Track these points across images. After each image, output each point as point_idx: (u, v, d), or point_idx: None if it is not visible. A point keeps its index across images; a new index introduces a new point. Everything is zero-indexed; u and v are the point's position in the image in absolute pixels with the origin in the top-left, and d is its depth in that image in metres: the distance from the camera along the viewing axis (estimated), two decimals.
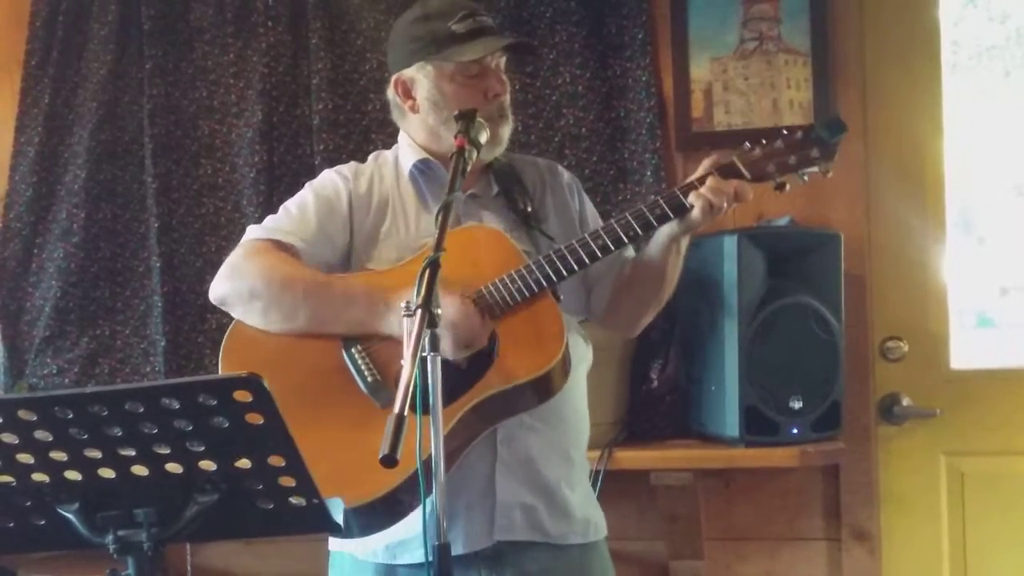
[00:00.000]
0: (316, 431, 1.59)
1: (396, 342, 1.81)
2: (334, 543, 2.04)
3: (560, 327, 1.85)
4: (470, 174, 1.96)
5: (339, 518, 1.45)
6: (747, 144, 1.91)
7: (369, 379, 1.85)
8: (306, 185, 2.07)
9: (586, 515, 2.02)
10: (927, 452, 2.91)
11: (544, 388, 1.86)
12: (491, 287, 1.86)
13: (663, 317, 2.48)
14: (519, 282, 1.85)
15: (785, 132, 1.91)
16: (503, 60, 2.03)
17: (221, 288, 1.95)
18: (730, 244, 2.59)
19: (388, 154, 2.12)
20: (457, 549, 1.83)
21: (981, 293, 3.20)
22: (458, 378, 1.80)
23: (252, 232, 2.00)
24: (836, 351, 2.64)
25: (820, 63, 2.90)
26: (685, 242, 1.99)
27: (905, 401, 2.91)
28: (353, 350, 1.87)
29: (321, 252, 1.98)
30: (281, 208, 2.04)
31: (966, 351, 2.99)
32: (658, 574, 2.90)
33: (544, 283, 1.86)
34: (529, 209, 2.03)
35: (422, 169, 2.05)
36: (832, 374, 2.64)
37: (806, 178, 1.90)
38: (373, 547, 1.94)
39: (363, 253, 1.99)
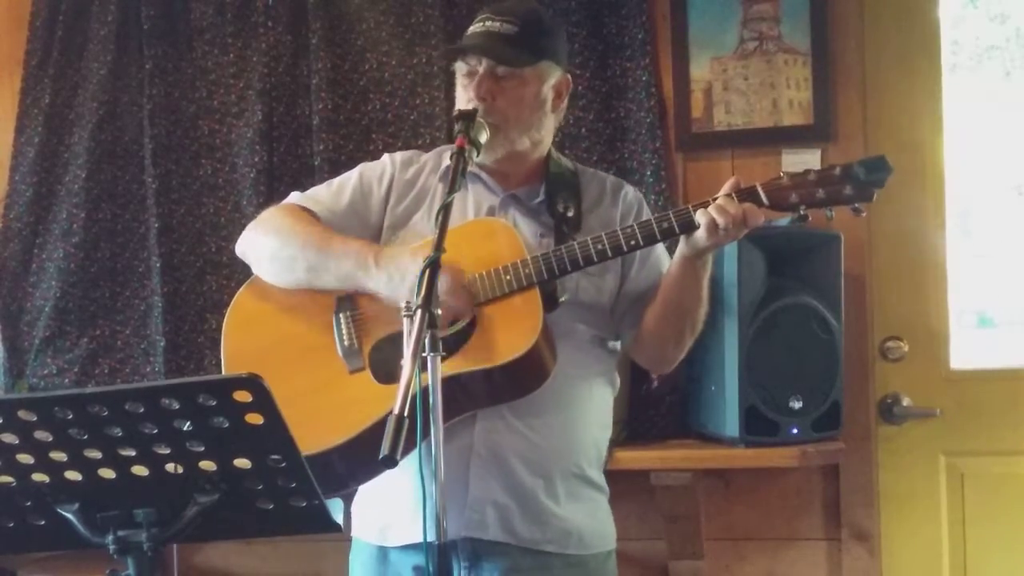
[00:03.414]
0: (284, 382, 1.59)
1: (383, 308, 1.88)
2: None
3: (535, 323, 1.83)
4: (518, 175, 2.02)
5: (339, 518, 1.45)
6: (782, 173, 1.86)
7: (346, 343, 1.89)
8: (360, 164, 2.13)
9: (571, 528, 1.94)
10: (927, 452, 2.90)
11: (506, 382, 1.83)
12: (483, 275, 1.87)
13: None
14: (510, 274, 1.87)
15: (823, 167, 1.86)
16: (499, 68, 1.95)
17: (243, 240, 2.05)
18: (730, 244, 2.58)
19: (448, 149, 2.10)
20: (428, 535, 1.83)
21: (981, 293, 3.20)
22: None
23: (289, 197, 2.09)
24: (836, 351, 2.64)
25: (820, 63, 2.90)
26: (703, 268, 1.92)
27: (905, 401, 2.91)
28: (341, 315, 1.92)
29: (348, 227, 2.01)
30: (327, 181, 2.12)
31: (966, 351, 2.99)
32: (658, 574, 2.90)
33: (534, 278, 1.86)
34: (569, 215, 1.99)
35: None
36: (832, 374, 2.64)
37: (832, 214, 1.85)
38: (368, 528, 1.99)
39: (390, 235, 2.02)
